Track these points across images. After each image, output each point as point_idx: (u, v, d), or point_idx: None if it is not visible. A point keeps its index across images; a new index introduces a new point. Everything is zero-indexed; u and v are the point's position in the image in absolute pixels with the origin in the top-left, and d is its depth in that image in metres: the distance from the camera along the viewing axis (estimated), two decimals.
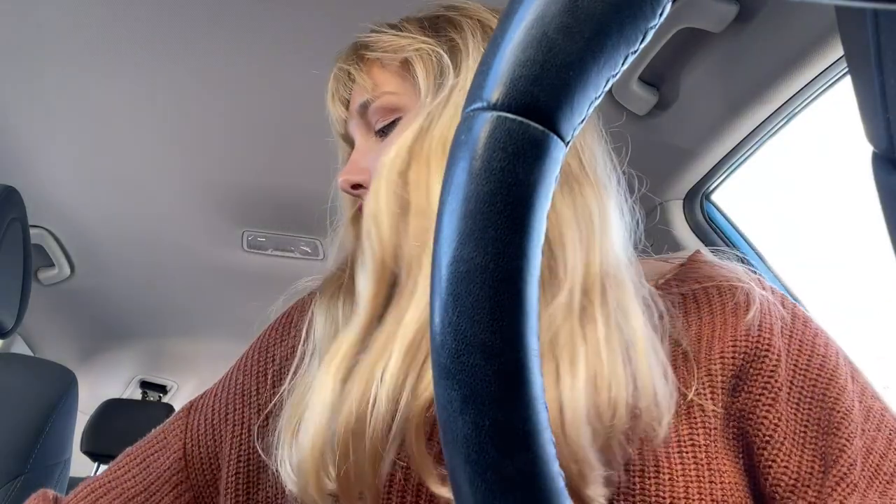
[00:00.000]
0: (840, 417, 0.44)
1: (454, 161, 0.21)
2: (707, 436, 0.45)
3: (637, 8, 0.20)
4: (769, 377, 0.46)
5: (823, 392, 0.46)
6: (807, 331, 0.50)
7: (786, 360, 0.47)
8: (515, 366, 0.20)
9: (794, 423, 0.45)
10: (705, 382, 0.47)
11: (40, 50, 1.11)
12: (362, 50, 0.57)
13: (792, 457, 0.44)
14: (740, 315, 0.49)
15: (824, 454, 0.44)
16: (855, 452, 0.43)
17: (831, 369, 0.47)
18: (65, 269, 1.76)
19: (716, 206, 1.39)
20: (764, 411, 0.46)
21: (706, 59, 1.08)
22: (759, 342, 0.48)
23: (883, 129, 0.26)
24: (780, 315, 0.50)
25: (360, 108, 0.56)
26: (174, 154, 1.41)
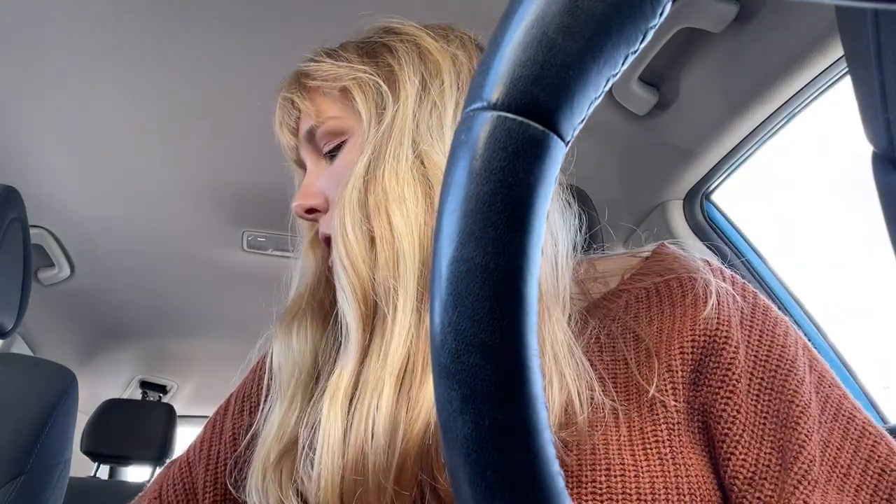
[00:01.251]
0: (799, 412, 0.44)
1: (454, 161, 0.21)
2: (670, 431, 0.45)
3: (637, 8, 0.20)
4: (727, 370, 0.47)
5: (783, 384, 0.46)
6: (767, 321, 0.49)
7: (745, 352, 0.47)
8: (515, 366, 0.20)
9: (754, 416, 0.45)
10: (666, 378, 0.47)
11: (41, 50, 1.11)
12: (303, 78, 0.58)
13: (750, 450, 0.44)
14: (699, 308, 0.49)
15: (783, 448, 0.44)
16: (814, 448, 0.43)
17: (790, 360, 0.47)
18: (65, 269, 1.76)
19: (716, 206, 1.39)
20: (722, 404, 0.46)
21: (706, 59, 1.08)
22: (716, 335, 0.48)
23: (883, 129, 0.26)
24: (740, 306, 0.50)
25: (307, 135, 0.58)
26: (174, 154, 1.41)
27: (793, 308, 1.26)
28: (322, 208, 0.56)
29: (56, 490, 1.07)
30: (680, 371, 0.47)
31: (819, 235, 1.53)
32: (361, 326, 0.48)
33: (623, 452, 0.45)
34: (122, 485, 2.11)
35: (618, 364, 0.49)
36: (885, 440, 0.44)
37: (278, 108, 0.61)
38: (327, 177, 0.56)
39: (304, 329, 0.57)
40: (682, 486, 0.43)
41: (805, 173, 1.46)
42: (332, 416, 0.46)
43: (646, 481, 0.43)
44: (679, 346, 0.48)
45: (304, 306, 0.58)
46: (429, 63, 0.55)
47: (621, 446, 0.45)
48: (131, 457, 2.12)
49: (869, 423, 0.45)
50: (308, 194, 0.57)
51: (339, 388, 0.47)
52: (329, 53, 0.58)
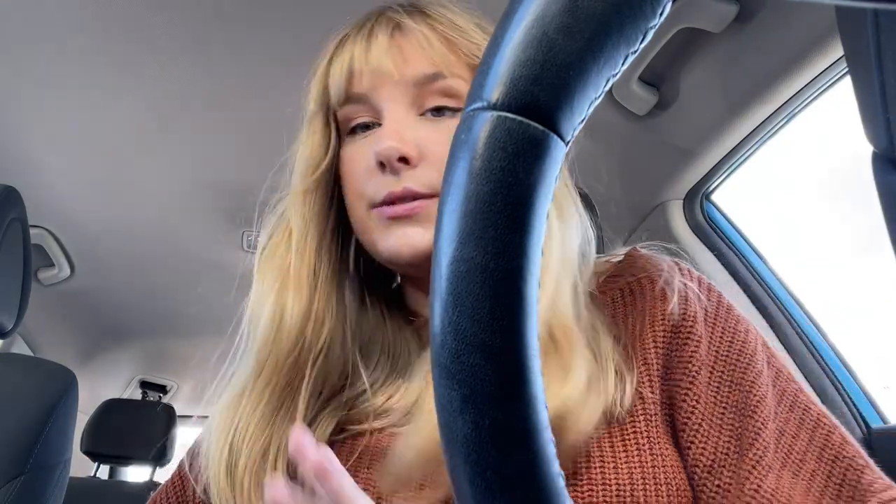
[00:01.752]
0: (756, 401, 0.46)
1: (454, 161, 0.21)
2: (648, 422, 0.47)
3: (637, 8, 0.20)
4: (688, 362, 0.48)
5: (742, 376, 0.48)
6: (729, 319, 0.51)
7: (707, 347, 0.49)
8: (515, 366, 0.20)
9: (713, 406, 0.47)
10: (643, 371, 0.49)
11: (41, 51, 1.11)
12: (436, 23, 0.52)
13: (709, 439, 0.46)
14: (666, 303, 0.51)
15: (740, 436, 0.45)
16: (769, 435, 0.45)
17: (750, 354, 0.49)
18: (65, 269, 1.76)
19: (716, 206, 1.39)
20: (683, 395, 0.48)
21: (706, 59, 1.08)
22: (681, 329, 0.50)
23: (883, 129, 0.26)
24: (704, 304, 0.52)
25: (425, 79, 0.51)
26: (174, 154, 1.41)
27: (793, 308, 1.26)
28: (414, 161, 0.50)
29: (56, 490, 1.07)
30: (654, 363, 0.49)
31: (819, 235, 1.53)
32: None
33: (602, 443, 0.46)
34: (122, 485, 2.11)
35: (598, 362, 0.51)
36: (839, 430, 0.46)
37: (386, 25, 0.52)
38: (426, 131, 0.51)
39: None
40: (658, 476, 0.45)
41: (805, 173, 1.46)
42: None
43: (624, 472, 0.45)
44: (652, 339, 0.50)
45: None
46: None
47: (600, 437, 0.46)
48: (131, 457, 2.12)
49: (823, 415, 0.47)
50: (404, 140, 0.50)
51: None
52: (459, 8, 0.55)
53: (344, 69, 0.53)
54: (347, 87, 0.53)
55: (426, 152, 0.51)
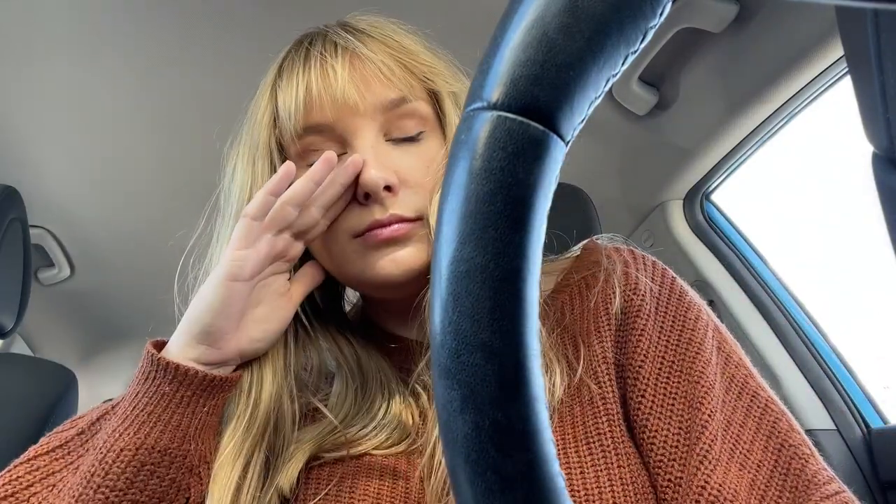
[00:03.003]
0: (703, 392, 0.45)
1: (454, 161, 0.21)
2: (610, 423, 0.47)
3: (637, 8, 0.20)
4: (632, 356, 0.48)
5: (690, 366, 0.47)
6: (680, 306, 0.51)
7: (658, 336, 0.49)
8: (515, 366, 0.20)
9: (662, 398, 0.46)
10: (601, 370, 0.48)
11: (41, 51, 1.11)
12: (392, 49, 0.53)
13: (658, 433, 0.45)
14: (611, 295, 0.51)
15: (689, 428, 0.45)
16: (717, 427, 0.44)
17: (698, 342, 0.48)
18: (65, 269, 1.75)
19: (716, 206, 1.39)
20: (631, 389, 0.47)
21: (706, 59, 1.08)
22: (625, 323, 0.50)
23: (883, 129, 0.26)
24: (655, 293, 0.51)
25: (391, 104, 0.51)
26: (175, 154, 1.41)
27: (793, 308, 1.26)
28: (396, 188, 0.50)
29: None
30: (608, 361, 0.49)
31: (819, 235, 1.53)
32: None
33: (568, 451, 0.46)
34: None
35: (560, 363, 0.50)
36: (786, 417, 0.46)
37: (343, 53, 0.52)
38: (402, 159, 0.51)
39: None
40: (624, 477, 0.44)
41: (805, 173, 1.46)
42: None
43: (591, 477, 0.44)
44: (598, 336, 0.50)
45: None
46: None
47: (566, 445, 0.46)
48: None
49: (771, 401, 0.47)
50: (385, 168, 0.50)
51: None
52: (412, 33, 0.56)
53: (299, 98, 0.51)
54: (307, 117, 0.52)
55: (406, 178, 0.51)
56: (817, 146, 1.30)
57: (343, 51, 0.52)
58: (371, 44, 0.52)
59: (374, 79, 0.51)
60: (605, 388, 0.48)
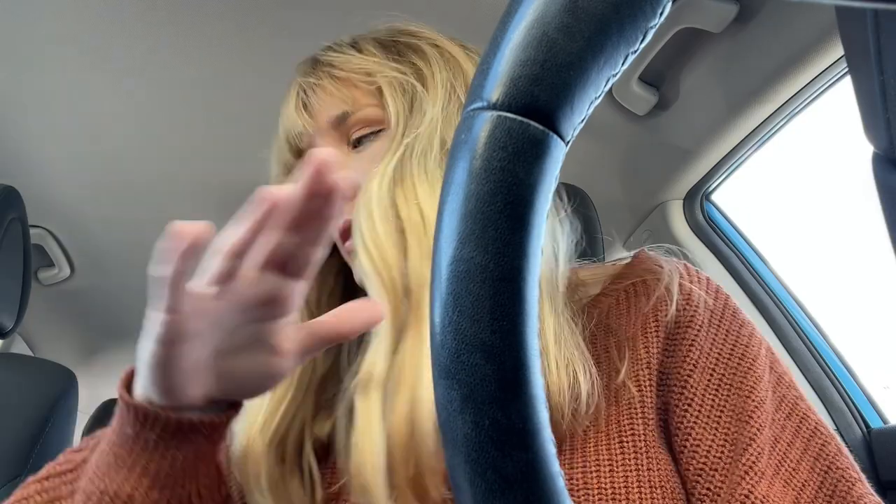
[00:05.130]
0: (754, 406, 0.46)
1: (454, 160, 0.21)
2: (646, 426, 0.47)
3: (637, 7, 0.20)
4: (681, 365, 0.49)
5: (742, 380, 0.48)
6: (734, 322, 0.52)
7: (710, 349, 0.49)
8: (515, 365, 0.20)
9: (709, 409, 0.47)
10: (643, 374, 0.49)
11: (41, 50, 1.11)
12: (329, 67, 0.58)
13: (702, 441, 0.46)
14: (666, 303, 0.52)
15: (735, 440, 0.45)
16: (764, 441, 0.45)
17: (752, 359, 0.49)
18: (65, 269, 1.75)
19: (716, 206, 1.39)
20: (676, 398, 0.48)
21: (706, 59, 1.08)
22: (677, 333, 0.50)
23: (883, 129, 0.26)
24: (710, 307, 0.52)
25: (336, 120, 0.56)
26: (175, 154, 1.41)
27: (793, 308, 1.26)
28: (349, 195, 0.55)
29: None
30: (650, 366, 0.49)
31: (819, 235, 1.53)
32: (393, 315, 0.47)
33: (600, 448, 0.46)
34: None
35: (601, 364, 0.51)
36: (835, 441, 0.46)
37: (297, 90, 0.59)
38: (352, 165, 0.56)
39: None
40: (653, 480, 0.45)
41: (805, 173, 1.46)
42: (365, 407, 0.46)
43: (620, 476, 0.45)
44: (644, 342, 0.50)
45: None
46: (452, 64, 0.57)
47: (598, 442, 0.47)
48: None
49: (821, 424, 0.47)
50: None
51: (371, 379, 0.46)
52: (352, 47, 0.58)
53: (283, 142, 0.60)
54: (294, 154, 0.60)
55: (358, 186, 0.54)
56: (817, 146, 1.30)
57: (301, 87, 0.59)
58: (316, 72, 0.58)
59: (319, 102, 0.58)
60: (645, 393, 0.48)
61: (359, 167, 0.55)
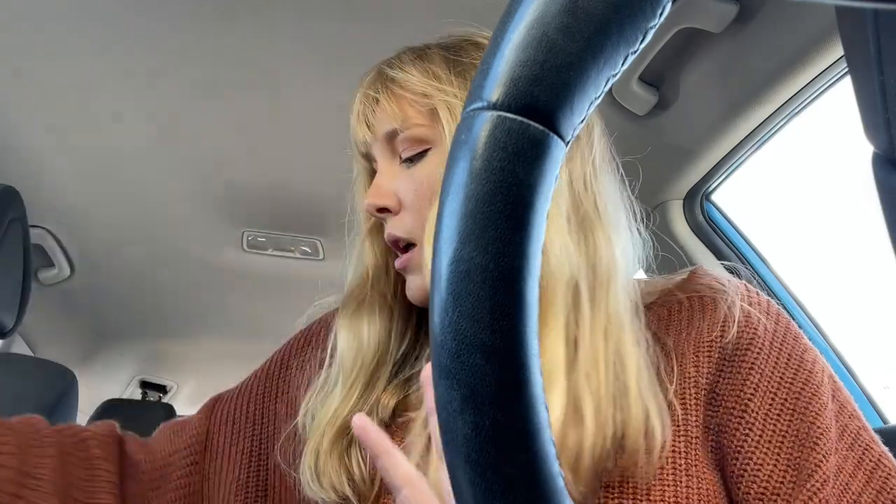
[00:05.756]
0: (819, 433, 0.46)
1: (454, 161, 0.21)
2: (688, 444, 0.47)
3: (637, 8, 0.20)
4: (741, 388, 0.48)
5: (806, 406, 0.47)
6: (796, 346, 0.51)
7: (772, 372, 0.49)
8: (515, 365, 0.20)
9: (771, 434, 0.46)
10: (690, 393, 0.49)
11: (41, 50, 1.11)
12: (389, 83, 0.59)
13: (764, 466, 0.46)
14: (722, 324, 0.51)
15: (798, 466, 0.45)
16: (829, 469, 0.44)
17: (816, 385, 0.48)
18: (65, 269, 1.75)
19: (716, 206, 1.39)
20: (736, 421, 0.47)
21: (706, 59, 1.08)
22: (735, 354, 0.50)
23: (883, 129, 0.26)
24: (771, 330, 0.51)
25: (388, 135, 0.58)
26: (175, 154, 1.41)
27: (793, 308, 1.26)
28: (395, 210, 0.57)
29: None
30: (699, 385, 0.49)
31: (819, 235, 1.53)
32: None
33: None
34: None
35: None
36: None
37: (359, 101, 0.61)
38: (404, 181, 0.57)
39: (373, 318, 0.59)
40: (691, 498, 0.45)
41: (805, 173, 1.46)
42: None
43: (657, 490, 0.45)
44: (695, 360, 0.50)
45: (368, 296, 0.60)
46: None
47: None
48: None
49: (884, 456, 0.47)
50: (382, 194, 0.58)
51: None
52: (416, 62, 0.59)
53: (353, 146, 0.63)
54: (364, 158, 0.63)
55: (404, 200, 0.57)
56: (817, 146, 1.30)
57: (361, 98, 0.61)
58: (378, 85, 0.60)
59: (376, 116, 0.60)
60: (690, 411, 0.48)
61: (408, 184, 0.57)
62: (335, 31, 1.06)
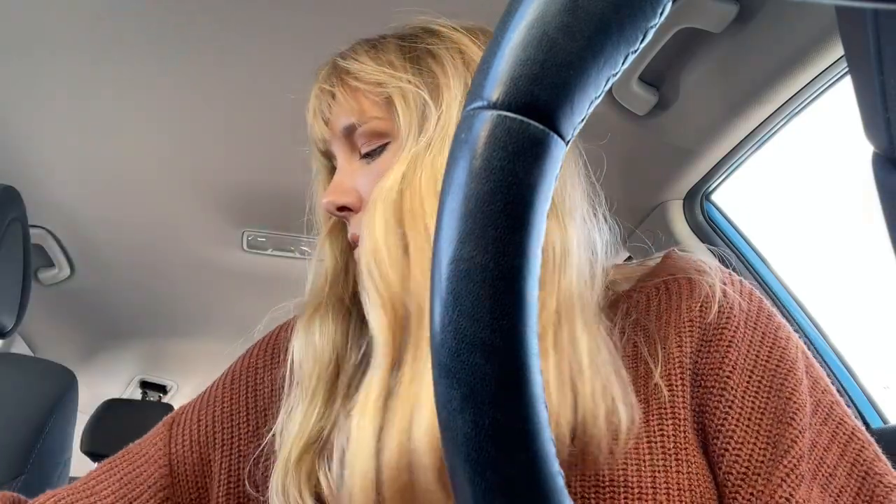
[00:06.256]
0: (795, 408, 0.46)
1: (454, 160, 0.21)
2: (676, 426, 0.47)
3: (637, 7, 0.20)
4: (719, 367, 0.48)
5: (781, 383, 0.47)
6: (770, 325, 0.51)
7: (747, 351, 0.49)
8: (515, 365, 0.20)
9: (749, 412, 0.46)
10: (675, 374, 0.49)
11: (41, 50, 1.11)
12: (344, 75, 0.57)
13: (744, 445, 0.45)
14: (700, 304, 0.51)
15: (776, 443, 0.45)
16: (805, 444, 0.44)
17: (790, 361, 0.48)
18: (65, 269, 1.76)
19: (716, 206, 1.39)
20: (715, 400, 0.47)
21: (706, 59, 1.08)
22: (714, 333, 0.49)
23: (883, 129, 0.26)
24: (745, 309, 0.51)
25: (346, 131, 0.56)
26: (174, 154, 1.41)
27: (793, 308, 1.26)
28: (355, 207, 0.56)
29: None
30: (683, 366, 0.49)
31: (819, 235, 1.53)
32: (391, 336, 0.46)
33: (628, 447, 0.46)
34: None
35: (628, 359, 0.50)
36: (872, 447, 0.46)
37: (314, 97, 0.59)
38: (363, 176, 0.56)
39: (326, 325, 0.56)
40: (682, 482, 0.44)
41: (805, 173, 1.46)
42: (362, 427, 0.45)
43: (647, 475, 0.45)
44: (678, 341, 0.50)
45: (325, 301, 0.58)
46: (472, 69, 0.55)
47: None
48: None
49: (857, 430, 0.47)
50: (341, 191, 0.56)
51: (368, 400, 0.46)
52: (370, 51, 0.57)
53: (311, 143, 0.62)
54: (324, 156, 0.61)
55: (366, 197, 0.54)
56: (817, 146, 1.30)
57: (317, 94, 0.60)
58: (333, 78, 0.58)
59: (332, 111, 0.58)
60: (676, 393, 0.48)
61: (369, 180, 0.55)
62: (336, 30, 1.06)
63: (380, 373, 0.46)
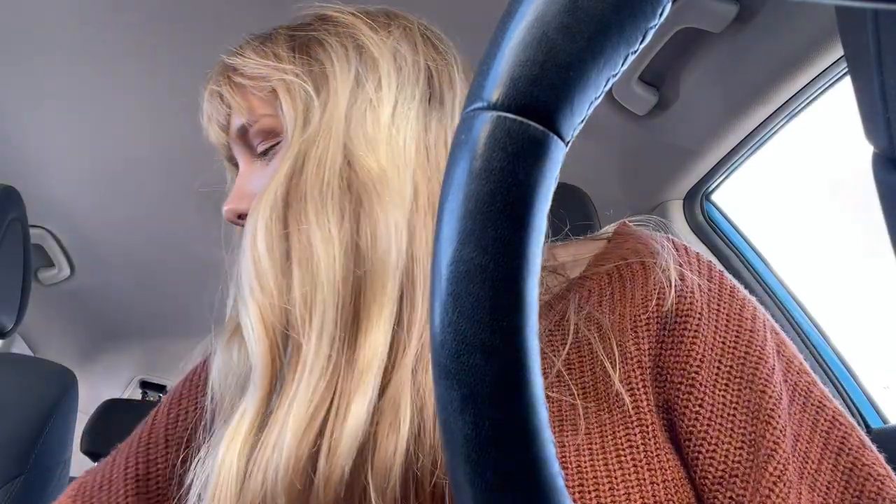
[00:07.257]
0: (772, 404, 0.42)
1: (454, 161, 0.21)
2: (644, 433, 0.43)
3: (637, 8, 0.20)
4: (685, 361, 0.44)
5: (753, 373, 0.43)
6: (734, 304, 0.47)
7: (713, 339, 0.44)
8: (515, 366, 0.20)
9: (721, 408, 0.42)
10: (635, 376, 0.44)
11: (41, 50, 1.11)
12: (230, 73, 0.53)
13: (719, 446, 0.41)
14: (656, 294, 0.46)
15: (755, 443, 0.41)
16: (787, 446, 0.41)
17: (760, 345, 0.44)
18: (65, 269, 1.76)
19: (716, 206, 1.39)
20: (684, 399, 0.43)
21: (706, 59, 1.08)
22: (675, 324, 0.45)
23: (883, 129, 0.26)
24: (705, 290, 0.47)
25: (239, 132, 0.53)
26: (175, 154, 1.41)
27: (793, 308, 1.26)
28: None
29: (56, 490, 1.07)
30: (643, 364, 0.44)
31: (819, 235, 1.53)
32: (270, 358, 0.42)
33: (596, 463, 0.42)
34: None
35: (584, 360, 0.46)
36: (856, 432, 0.42)
37: (206, 101, 0.56)
38: (261, 178, 0.51)
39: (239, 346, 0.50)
40: (658, 494, 0.41)
41: (805, 173, 1.46)
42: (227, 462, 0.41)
43: (621, 493, 0.41)
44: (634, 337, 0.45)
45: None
46: (366, 58, 0.49)
47: (594, 456, 0.42)
48: None
49: (839, 413, 0.43)
50: (240, 197, 0.51)
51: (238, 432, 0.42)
52: (256, 46, 0.53)
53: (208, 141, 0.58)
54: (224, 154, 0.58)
55: None
56: (817, 146, 1.30)
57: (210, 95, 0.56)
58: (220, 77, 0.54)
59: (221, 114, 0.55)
60: (639, 397, 0.44)
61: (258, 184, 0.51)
62: None
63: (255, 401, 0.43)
